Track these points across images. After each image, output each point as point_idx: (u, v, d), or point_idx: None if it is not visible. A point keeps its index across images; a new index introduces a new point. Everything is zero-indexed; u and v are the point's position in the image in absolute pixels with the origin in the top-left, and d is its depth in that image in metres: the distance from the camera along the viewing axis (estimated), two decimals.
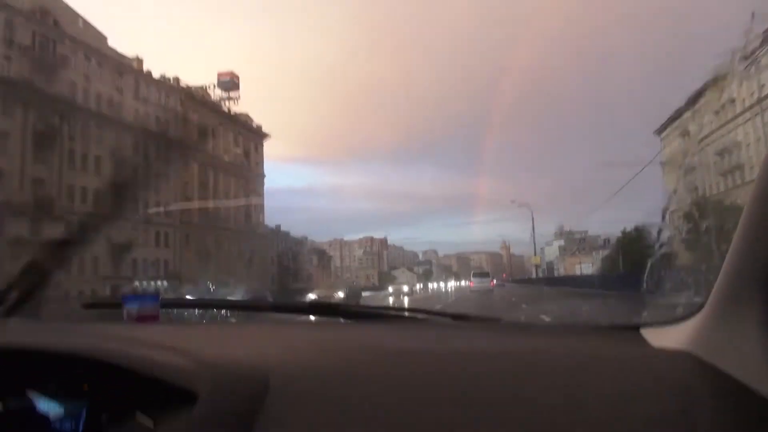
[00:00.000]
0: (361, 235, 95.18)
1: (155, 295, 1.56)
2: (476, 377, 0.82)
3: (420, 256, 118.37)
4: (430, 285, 54.63)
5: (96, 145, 34.54)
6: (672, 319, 1.01)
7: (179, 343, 0.92)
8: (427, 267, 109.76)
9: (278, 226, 56.63)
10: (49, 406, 0.86)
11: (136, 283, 32.51)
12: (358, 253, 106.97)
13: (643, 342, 1.01)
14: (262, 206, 53.49)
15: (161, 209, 37.39)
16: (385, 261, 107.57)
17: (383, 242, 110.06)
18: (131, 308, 1.47)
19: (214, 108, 47.67)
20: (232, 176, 48.60)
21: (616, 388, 0.77)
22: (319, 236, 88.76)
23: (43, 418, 0.85)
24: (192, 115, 43.65)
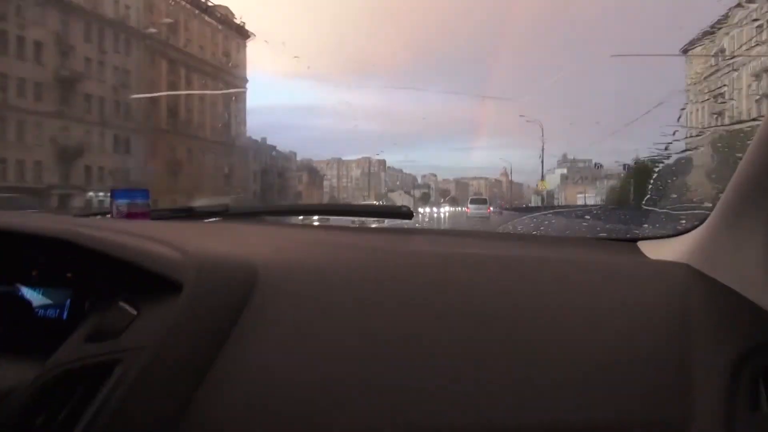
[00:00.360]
0: (359, 156, 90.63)
1: (145, 191, 1.51)
2: (468, 279, 0.83)
3: (419, 179, 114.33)
4: (421, 210, 51.10)
5: (35, 27, 29.10)
6: (671, 232, 1.02)
7: (167, 236, 0.90)
8: (425, 191, 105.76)
9: (264, 139, 50.93)
10: (32, 294, 0.87)
11: (90, 194, 28.94)
12: (356, 173, 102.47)
13: (640, 254, 1.02)
14: (243, 114, 47.22)
15: (121, 110, 33.03)
16: (383, 183, 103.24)
17: (381, 164, 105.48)
18: (120, 203, 1.45)
19: None
20: (209, 78, 42.55)
21: (610, 295, 0.79)
22: (319, 155, 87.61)
23: (27, 306, 0.86)
24: (158, 1, 37.21)
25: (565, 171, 78.48)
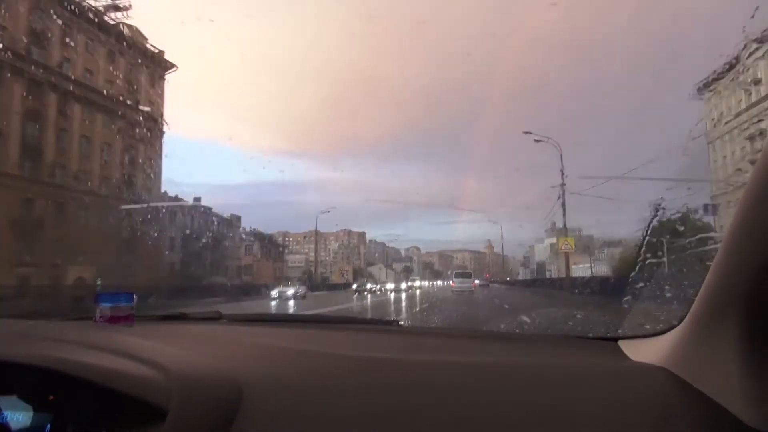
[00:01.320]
0: (339, 228, 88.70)
1: (130, 294, 1.49)
2: (453, 389, 0.85)
3: (402, 253, 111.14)
4: (404, 284, 47.11)
5: None
6: (650, 332, 1.04)
7: (150, 351, 0.93)
8: (407, 264, 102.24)
9: (198, 199, 39.96)
10: (12, 417, 0.86)
11: None
12: (334, 246, 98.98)
13: (622, 355, 1.05)
14: (158, 163, 35.09)
15: None
16: (362, 256, 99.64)
17: (362, 236, 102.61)
18: (104, 307, 1.43)
19: (81, 11, 29.38)
20: (99, 111, 31.24)
21: (593, 401, 0.81)
22: (297, 228, 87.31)
23: (6, 429, 0.85)
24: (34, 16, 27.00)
25: (554, 240, 76.89)
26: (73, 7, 27.83)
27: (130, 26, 32.17)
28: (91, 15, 29.10)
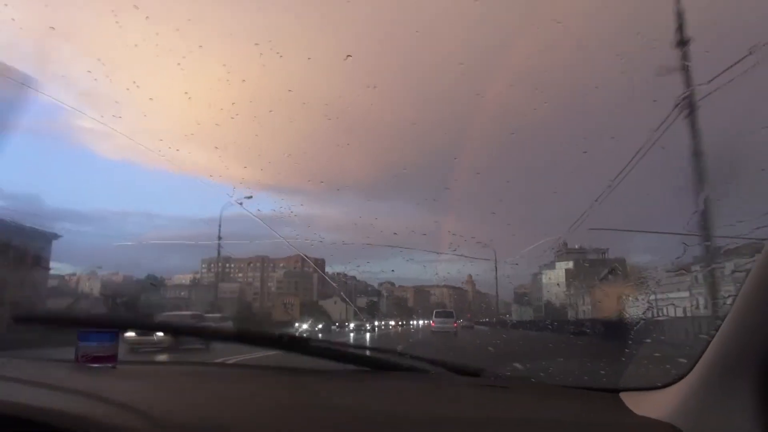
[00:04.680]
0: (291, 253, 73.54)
1: (113, 333, 1.47)
2: None
3: (376, 286, 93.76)
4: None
5: None
6: (654, 384, 1.04)
7: (132, 396, 0.94)
8: (374, 299, 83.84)
9: None
10: None
11: None
12: (278, 274, 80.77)
13: (624, 408, 1.04)
14: None
15: None
16: (315, 287, 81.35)
17: (319, 263, 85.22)
18: (87, 347, 1.40)
19: None
20: None
21: None
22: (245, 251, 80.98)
23: None
24: None
25: (570, 265, 59.81)
26: None
27: None
28: None
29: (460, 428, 0.90)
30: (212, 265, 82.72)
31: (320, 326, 24.94)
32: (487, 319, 63.06)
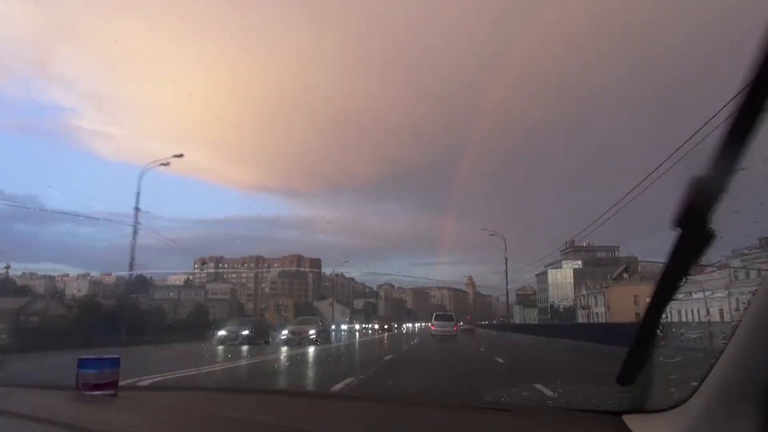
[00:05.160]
0: (288, 253, 71.89)
1: (115, 359, 1.47)
2: None
3: (375, 288, 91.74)
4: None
5: None
6: (657, 407, 1.04)
7: (130, 430, 0.93)
8: (371, 300, 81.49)
9: None
10: None
11: None
12: (272, 274, 78.40)
13: (626, 431, 1.06)
14: None
15: None
16: (310, 287, 79.10)
17: (315, 263, 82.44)
18: (88, 374, 1.40)
19: None
20: None
21: None
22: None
23: None
24: None
25: (579, 264, 56.18)
26: None
27: None
28: None
29: None
30: (204, 264, 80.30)
31: (311, 332, 21.96)
32: (486, 322, 60.66)
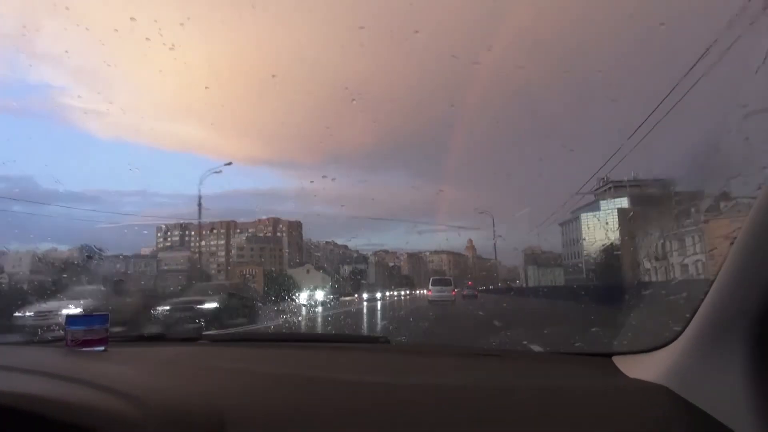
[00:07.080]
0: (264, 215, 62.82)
1: (104, 316, 1.48)
2: (443, 413, 0.88)
3: (370, 257, 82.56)
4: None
5: None
6: (645, 347, 1.06)
7: (124, 380, 0.94)
8: (362, 266, 71.64)
9: None
10: None
11: None
12: (239, 240, 68.24)
13: (617, 372, 1.07)
14: None
15: None
16: (285, 254, 69.04)
17: (295, 225, 72.52)
18: (76, 330, 1.41)
19: None
20: None
21: (590, 423, 0.83)
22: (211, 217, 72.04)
23: None
24: None
25: (624, 202, 46.00)
26: None
27: None
28: None
29: (451, 396, 0.92)
30: (168, 233, 70.69)
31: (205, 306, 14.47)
32: (492, 287, 53.56)
